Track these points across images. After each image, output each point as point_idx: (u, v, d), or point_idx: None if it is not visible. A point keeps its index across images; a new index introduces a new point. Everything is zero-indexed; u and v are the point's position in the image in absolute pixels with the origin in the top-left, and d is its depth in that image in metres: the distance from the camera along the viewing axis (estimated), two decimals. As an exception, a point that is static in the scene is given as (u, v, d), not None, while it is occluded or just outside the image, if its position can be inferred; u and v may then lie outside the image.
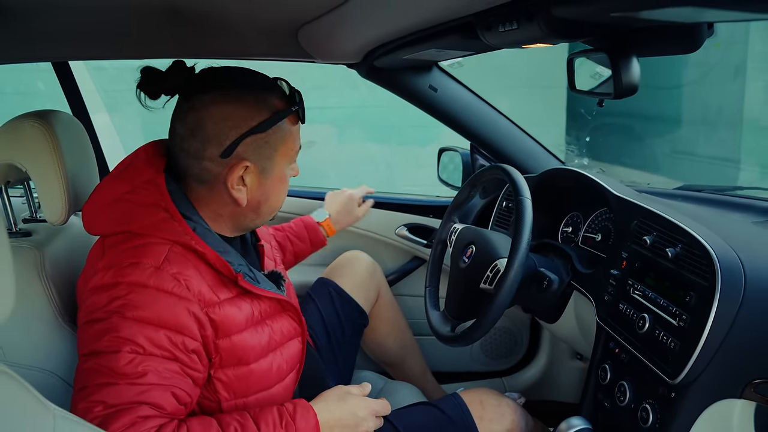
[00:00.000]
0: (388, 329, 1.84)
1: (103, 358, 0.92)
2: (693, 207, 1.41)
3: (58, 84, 1.80)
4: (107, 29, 1.28)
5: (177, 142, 1.06)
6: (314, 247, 1.71)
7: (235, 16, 1.21)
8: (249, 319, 1.07)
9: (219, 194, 1.08)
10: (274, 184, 1.12)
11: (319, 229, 1.71)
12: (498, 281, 1.25)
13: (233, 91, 1.03)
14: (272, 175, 1.10)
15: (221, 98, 1.02)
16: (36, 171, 1.13)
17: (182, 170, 1.08)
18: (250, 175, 1.07)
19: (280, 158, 1.10)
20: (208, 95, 1.03)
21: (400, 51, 1.34)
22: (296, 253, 1.67)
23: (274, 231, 1.64)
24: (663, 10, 0.66)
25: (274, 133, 1.06)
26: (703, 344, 0.96)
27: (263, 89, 1.06)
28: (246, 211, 1.12)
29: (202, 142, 1.03)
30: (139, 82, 1.04)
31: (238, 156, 1.04)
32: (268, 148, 1.07)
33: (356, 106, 6.44)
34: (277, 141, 1.08)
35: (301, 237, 1.68)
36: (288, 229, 1.68)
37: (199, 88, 1.04)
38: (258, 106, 1.04)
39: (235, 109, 1.03)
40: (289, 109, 1.08)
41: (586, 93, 1.07)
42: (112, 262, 0.99)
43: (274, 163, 1.09)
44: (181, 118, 1.05)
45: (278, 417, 1.02)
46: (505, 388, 2.06)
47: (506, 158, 1.79)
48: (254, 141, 1.05)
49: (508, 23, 0.92)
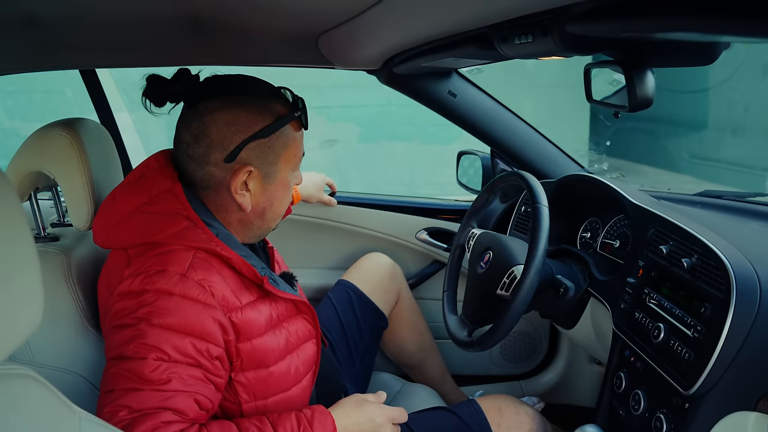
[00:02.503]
0: (408, 331, 1.86)
1: (129, 364, 0.95)
2: (712, 215, 1.40)
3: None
4: (133, 39, 1.31)
5: (182, 148, 1.08)
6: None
7: (257, 25, 1.23)
8: (268, 322, 1.10)
9: (225, 200, 1.11)
10: (277, 190, 1.13)
11: None
12: (514, 288, 1.25)
13: (237, 97, 1.06)
14: (275, 180, 1.12)
15: (225, 104, 1.05)
16: (63, 178, 1.17)
17: (188, 176, 1.10)
18: (254, 181, 1.09)
19: (284, 164, 1.11)
20: (212, 101, 1.05)
21: (419, 59, 1.35)
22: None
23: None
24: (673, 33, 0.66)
25: (277, 138, 1.08)
26: (717, 356, 0.96)
27: (266, 95, 1.08)
28: (251, 217, 1.14)
29: (207, 147, 1.06)
30: (144, 90, 1.06)
31: (242, 161, 1.06)
32: (271, 153, 1.09)
33: (379, 104, 6.46)
34: (279, 146, 1.09)
35: None
36: None
37: (204, 94, 1.06)
38: (261, 111, 1.06)
39: (238, 115, 1.05)
40: (292, 114, 1.10)
41: (601, 104, 1.07)
42: (139, 269, 1.01)
43: (277, 169, 1.11)
44: (186, 124, 1.07)
45: (296, 423, 1.04)
46: (523, 392, 2.06)
47: (526, 163, 1.79)
48: (258, 146, 1.07)
49: (523, 36, 0.93)
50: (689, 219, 1.19)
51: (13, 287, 0.57)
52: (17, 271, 0.58)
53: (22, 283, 0.59)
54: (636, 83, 0.90)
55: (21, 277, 0.59)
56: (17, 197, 0.59)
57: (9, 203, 0.58)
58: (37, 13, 1.07)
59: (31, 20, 1.11)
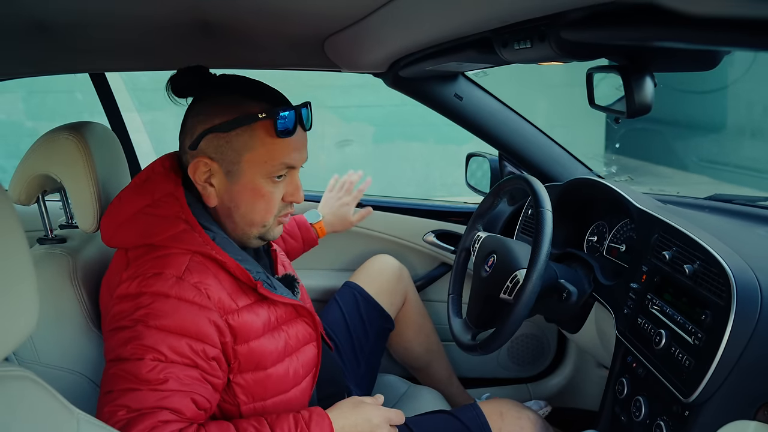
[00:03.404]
0: (414, 333, 1.86)
1: (127, 365, 0.97)
2: (719, 220, 1.38)
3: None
4: (142, 43, 1.33)
5: (179, 136, 1.15)
6: (306, 245, 1.72)
7: (264, 30, 1.24)
8: (266, 325, 1.11)
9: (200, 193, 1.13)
10: (243, 192, 1.11)
11: (311, 229, 1.72)
12: (517, 292, 1.25)
13: (222, 93, 1.09)
14: (240, 181, 1.10)
15: (206, 98, 1.10)
16: (69, 181, 1.19)
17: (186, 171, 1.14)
18: (217, 176, 1.10)
19: (249, 166, 1.09)
20: (204, 95, 1.11)
21: (424, 62, 1.36)
22: (288, 250, 1.68)
23: None
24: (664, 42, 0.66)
25: (237, 136, 1.07)
26: (717, 364, 0.95)
27: (246, 95, 1.09)
28: (223, 218, 1.14)
29: (183, 134, 1.12)
30: (171, 77, 1.12)
31: (201, 151, 1.09)
32: (230, 150, 1.08)
33: (394, 104, 6.46)
34: (240, 145, 1.08)
35: (293, 235, 1.70)
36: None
37: (199, 88, 1.12)
38: (229, 107, 1.07)
39: (208, 107, 1.09)
40: (255, 114, 1.06)
41: (602, 109, 1.07)
42: (136, 272, 1.03)
43: (240, 169, 1.09)
44: (185, 115, 1.14)
45: (294, 424, 1.05)
46: (531, 395, 2.06)
47: (533, 166, 1.78)
48: (215, 138, 1.08)
49: (522, 41, 0.93)
50: (693, 224, 1.18)
51: (7, 295, 0.59)
52: (12, 281, 0.60)
53: (17, 292, 0.60)
54: (634, 89, 0.89)
55: (15, 287, 0.60)
56: (13, 208, 0.60)
57: (5, 214, 0.59)
58: (48, 19, 1.09)
59: (42, 25, 1.14)
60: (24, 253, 0.61)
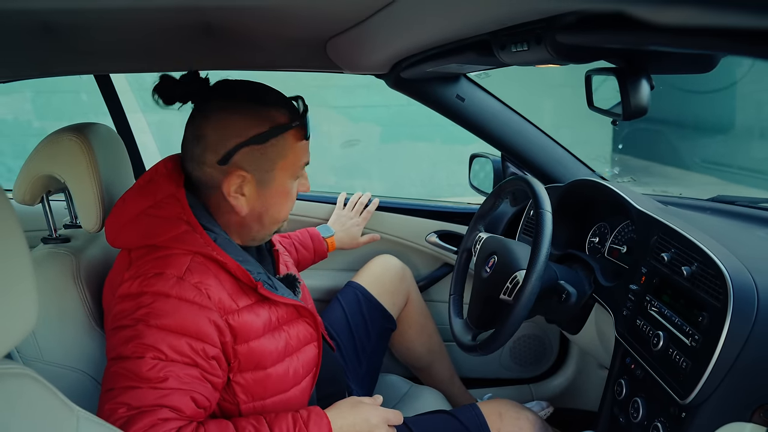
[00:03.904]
0: (416, 333, 1.87)
1: (128, 363, 0.98)
2: (720, 221, 1.38)
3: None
4: (145, 45, 1.34)
5: (187, 147, 1.12)
6: (317, 257, 1.77)
7: (265, 32, 1.25)
8: (266, 325, 1.12)
9: (222, 202, 1.13)
10: (273, 196, 1.14)
11: (323, 241, 1.78)
12: (517, 293, 1.26)
13: (238, 101, 1.08)
14: (272, 187, 1.13)
15: (225, 107, 1.08)
16: (73, 182, 1.20)
17: (193, 177, 1.13)
18: (249, 186, 1.11)
19: (280, 172, 1.12)
20: (215, 104, 1.08)
21: (425, 64, 1.36)
22: (299, 260, 1.71)
23: (280, 238, 1.69)
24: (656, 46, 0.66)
25: (272, 146, 1.09)
26: (713, 366, 0.95)
27: (267, 103, 1.10)
28: (249, 221, 1.16)
29: (203, 148, 1.09)
30: (155, 86, 1.10)
31: (235, 165, 1.08)
32: (265, 160, 1.10)
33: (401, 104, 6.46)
34: (275, 154, 1.10)
35: (306, 246, 1.73)
36: (294, 237, 1.73)
37: (209, 97, 1.09)
38: (258, 118, 1.08)
39: (235, 119, 1.07)
40: (288, 124, 1.10)
41: (600, 111, 1.07)
42: (138, 272, 1.05)
43: (272, 176, 1.12)
44: (191, 124, 1.11)
45: (292, 423, 1.06)
46: (533, 396, 2.06)
47: (535, 167, 1.79)
48: (251, 151, 1.08)
49: (519, 44, 0.94)
50: (693, 226, 1.18)
51: (6, 296, 0.60)
52: (11, 281, 0.61)
53: (16, 292, 0.61)
54: (630, 92, 0.90)
55: (15, 286, 0.61)
56: (12, 209, 0.62)
57: (5, 216, 0.60)
58: (52, 20, 1.10)
59: (46, 27, 1.15)
60: (23, 253, 0.62)
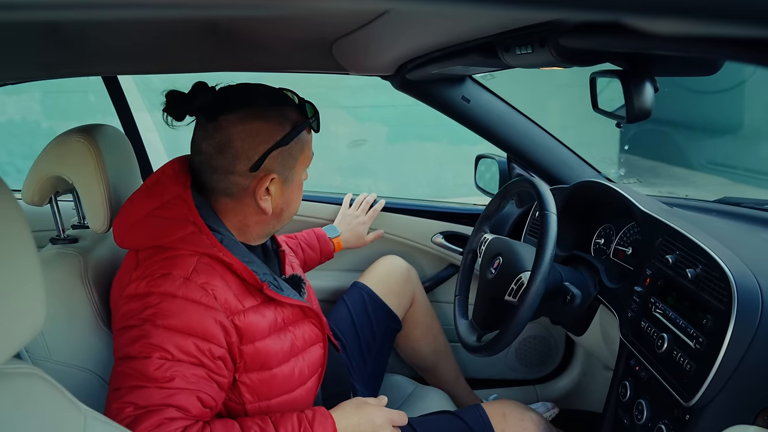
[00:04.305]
0: (422, 334, 1.87)
1: (135, 363, 0.99)
2: (726, 223, 1.38)
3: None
4: (153, 46, 1.35)
5: (204, 159, 1.12)
6: (323, 257, 1.77)
7: (272, 34, 1.26)
8: (272, 325, 1.13)
9: (246, 205, 1.15)
10: (293, 191, 1.19)
11: (330, 241, 1.78)
12: (521, 294, 1.26)
13: (256, 108, 1.09)
14: (293, 183, 1.17)
15: (246, 116, 1.09)
16: (81, 183, 1.21)
17: (209, 185, 1.14)
18: (275, 186, 1.14)
19: (300, 166, 1.17)
20: (232, 114, 1.08)
21: (430, 65, 1.37)
22: (306, 260, 1.72)
23: (287, 238, 1.71)
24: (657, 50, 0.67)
25: (295, 144, 1.13)
26: (717, 368, 0.96)
27: (281, 104, 1.13)
28: (270, 218, 1.18)
29: (232, 158, 1.09)
30: (165, 106, 1.10)
31: (266, 169, 1.11)
32: (291, 158, 1.14)
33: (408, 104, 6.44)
34: (297, 151, 1.15)
35: (312, 246, 1.74)
36: (300, 238, 1.74)
37: (223, 107, 1.09)
38: (280, 121, 1.11)
39: (260, 126, 1.09)
40: (306, 120, 1.15)
41: (604, 113, 1.07)
42: (145, 272, 1.06)
43: (295, 172, 1.16)
44: (208, 136, 1.10)
45: (297, 423, 1.07)
46: (538, 397, 2.06)
47: (541, 168, 1.79)
48: (280, 154, 1.11)
49: (523, 47, 0.94)
50: (697, 228, 1.18)
51: (14, 297, 0.61)
52: (19, 281, 0.62)
53: (24, 292, 0.62)
54: (634, 94, 0.90)
55: (23, 287, 0.62)
56: (20, 210, 0.62)
57: (13, 217, 0.61)
58: (59, 22, 1.11)
59: (53, 29, 1.16)
60: (31, 253, 0.63)
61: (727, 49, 0.45)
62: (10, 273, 0.60)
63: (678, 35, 0.47)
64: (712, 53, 0.54)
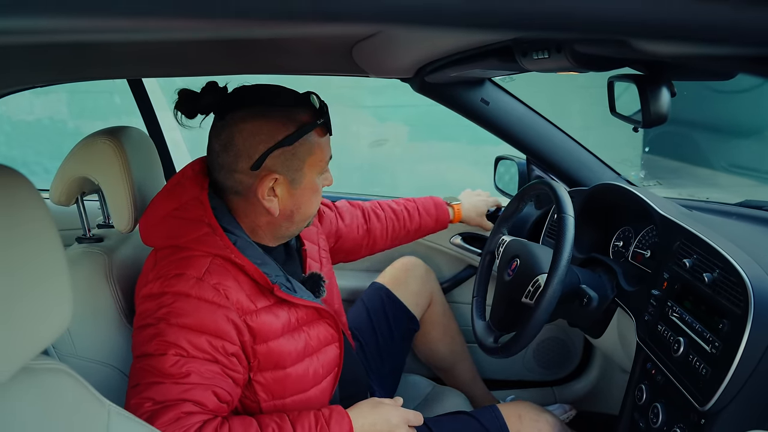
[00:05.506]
0: (440, 335, 1.88)
1: (152, 360, 1.03)
2: (745, 227, 1.37)
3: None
4: (176, 51, 1.38)
5: (214, 157, 1.15)
6: (438, 224, 1.77)
7: (293, 38, 1.28)
8: (285, 326, 1.15)
9: (255, 205, 1.16)
10: (304, 194, 1.17)
11: (447, 208, 1.78)
12: (538, 296, 1.27)
13: (261, 108, 1.11)
14: (302, 185, 1.16)
15: (250, 114, 1.10)
16: (106, 184, 1.25)
17: (220, 183, 1.16)
18: (281, 186, 1.14)
19: (309, 169, 1.16)
20: (239, 112, 1.10)
21: (449, 69, 1.38)
22: (421, 225, 1.72)
23: (405, 201, 1.72)
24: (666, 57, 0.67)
25: (300, 146, 1.12)
26: (732, 373, 0.96)
27: (290, 105, 1.13)
28: (280, 220, 1.18)
29: (234, 156, 1.11)
30: (176, 103, 1.13)
31: (267, 168, 1.11)
32: (295, 160, 1.13)
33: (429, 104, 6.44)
34: (304, 153, 1.13)
35: (428, 211, 1.74)
36: (419, 202, 1.75)
37: (231, 106, 1.11)
38: (284, 121, 1.11)
39: (262, 125, 1.10)
40: (314, 122, 1.13)
41: (621, 117, 1.07)
42: (160, 273, 1.09)
43: (303, 174, 1.15)
44: (216, 134, 1.14)
45: (314, 421, 1.09)
46: (556, 398, 2.06)
47: (560, 171, 1.78)
48: (282, 154, 1.11)
49: (540, 52, 0.95)
50: (715, 232, 1.17)
51: (42, 294, 0.63)
52: (47, 279, 0.64)
53: (51, 290, 0.65)
54: (650, 99, 0.90)
55: (50, 284, 0.65)
56: (47, 210, 0.65)
57: (40, 217, 0.64)
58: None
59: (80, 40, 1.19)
60: (58, 252, 0.66)
61: (738, 64, 0.45)
62: (38, 271, 0.62)
63: (684, 55, 0.47)
64: (722, 66, 0.54)
